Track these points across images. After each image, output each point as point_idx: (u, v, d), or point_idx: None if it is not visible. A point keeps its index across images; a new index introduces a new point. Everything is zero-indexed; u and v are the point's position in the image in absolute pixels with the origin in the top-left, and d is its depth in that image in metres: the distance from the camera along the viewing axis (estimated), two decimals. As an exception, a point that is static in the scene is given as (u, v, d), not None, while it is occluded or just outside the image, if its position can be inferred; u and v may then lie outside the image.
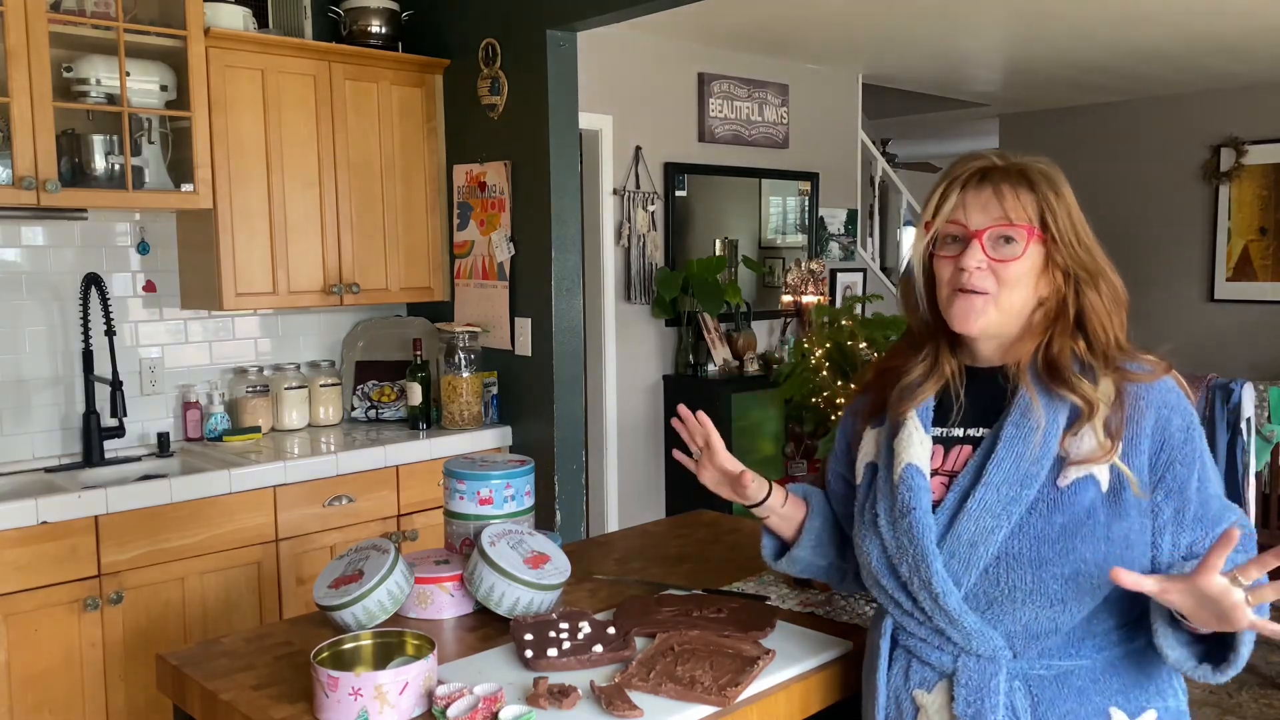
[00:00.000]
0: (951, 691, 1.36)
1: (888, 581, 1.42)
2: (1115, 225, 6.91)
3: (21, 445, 3.05)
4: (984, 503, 1.34)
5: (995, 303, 1.36)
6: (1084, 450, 1.32)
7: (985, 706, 1.33)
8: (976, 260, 1.35)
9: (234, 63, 3.12)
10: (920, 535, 1.36)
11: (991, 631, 1.34)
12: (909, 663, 1.42)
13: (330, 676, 1.36)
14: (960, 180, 1.38)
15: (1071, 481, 1.32)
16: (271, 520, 2.96)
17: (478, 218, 3.57)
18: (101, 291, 2.96)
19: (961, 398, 1.44)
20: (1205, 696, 3.73)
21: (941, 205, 1.38)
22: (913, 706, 1.40)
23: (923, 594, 1.37)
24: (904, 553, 1.38)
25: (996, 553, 1.32)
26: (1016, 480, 1.33)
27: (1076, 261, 1.36)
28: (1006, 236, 1.35)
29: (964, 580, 1.34)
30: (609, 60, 4.74)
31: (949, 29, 4.89)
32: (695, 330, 5.12)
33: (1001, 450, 1.35)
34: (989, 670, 1.34)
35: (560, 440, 3.39)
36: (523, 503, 1.90)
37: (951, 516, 1.37)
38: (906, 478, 1.40)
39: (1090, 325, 1.37)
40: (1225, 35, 5.06)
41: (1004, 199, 1.35)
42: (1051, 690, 1.34)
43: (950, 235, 1.38)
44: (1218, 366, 5.82)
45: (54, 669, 2.61)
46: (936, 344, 1.46)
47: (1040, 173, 1.38)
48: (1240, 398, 2.41)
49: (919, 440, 1.42)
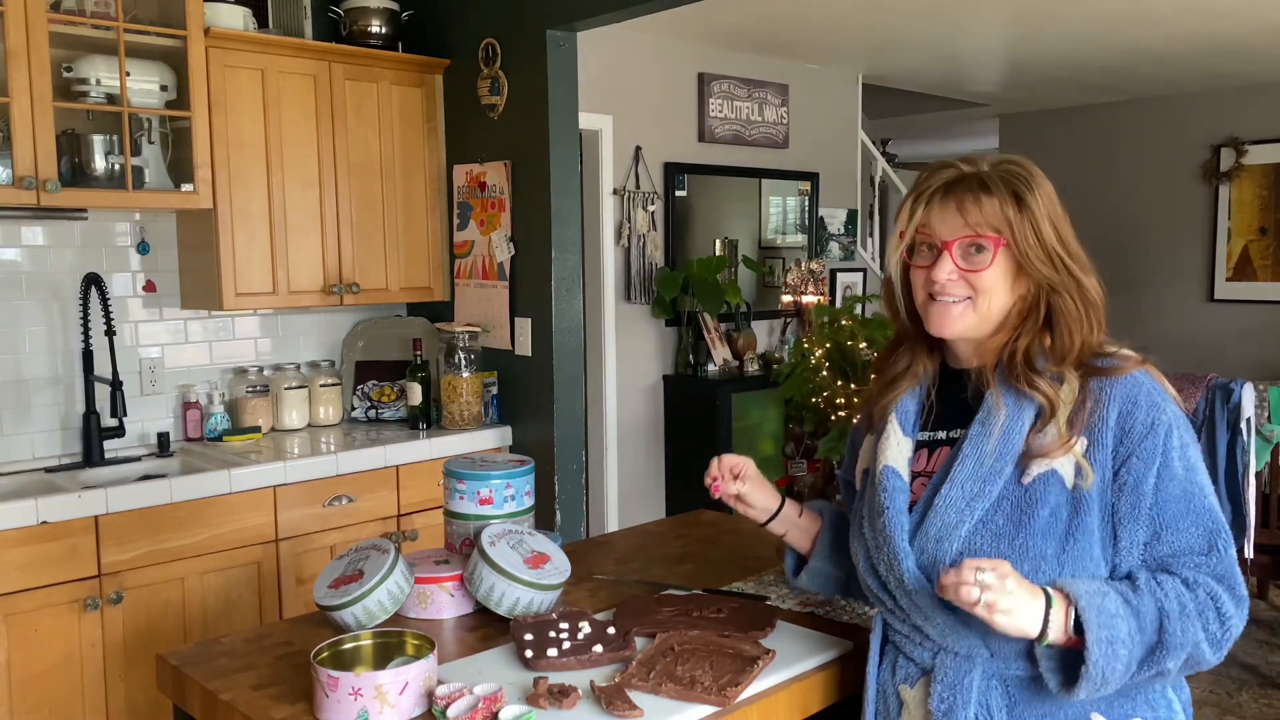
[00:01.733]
0: (929, 688, 1.38)
1: (872, 581, 1.46)
2: (1115, 225, 6.92)
3: (21, 445, 3.05)
4: (947, 499, 1.37)
5: (974, 307, 1.38)
6: (1045, 444, 1.33)
7: (957, 703, 1.35)
8: (947, 272, 1.37)
9: (234, 63, 3.12)
10: (893, 534, 1.40)
11: (966, 629, 1.35)
12: (896, 658, 1.46)
13: (330, 676, 1.36)
14: (926, 194, 1.39)
15: (1034, 478, 1.33)
16: (271, 520, 2.96)
17: (478, 218, 3.57)
18: (101, 291, 2.96)
19: (933, 399, 1.47)
20: (1205, 696, 3.73)
21: (910, 217, 1.40)
22: (898, 701, 1.44)
23: (899, 592, 1.41)
24: (880, 552, 1.42)
25: (959, 549, 1.35)
26: (980, 477, 1.35)
27: (1044, 265, 1.35)
28: (976, 245, 1.36)
29: (934, 577, 1.35)
30: (609, 60, 4.74)
31: (949, 29, 4.89)
32: (695, 330, 5.12)
33: (966, 448, 1.38)
34: (964, 668, 1.36)
35: (560, 440, 3.39)
36: (523, 503, 1.90)
37: (923, 514, 1.40)
38: (883, 479, 1.44)
39: (1058, 327, 1.37)
40: (1225, 35, 5.06)
41: (966, 212, 1.36)
42: (1029, 692, 1.34)
43: (924, 244, 1.40)
44: (1218, 366, 5.82)
45: (54, 669, 2.61)
46: (914, 346, 1.49)
47: (1003, 178, 1.36)
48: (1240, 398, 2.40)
49: (896, 442, 1.46)
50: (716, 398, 4.90)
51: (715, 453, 1.67)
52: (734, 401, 4.96)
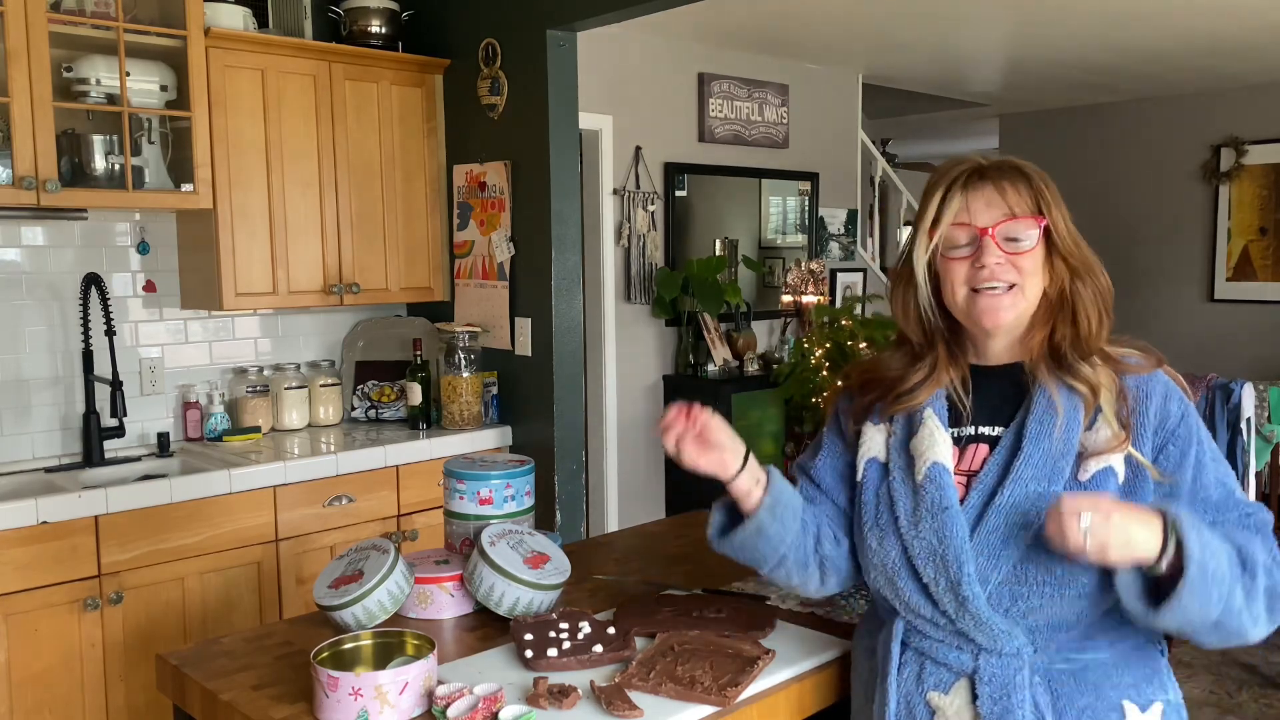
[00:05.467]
0: (973, 690, 1.35)
1: (904, 583, 1.39)
2: (1115, 225, 6.92)
3: (21, 445, 3.05)
4: (1013, 500, 1.34)
5: (1022, 293, 1.37)
6: (1100, 441, 1.34)
7: (1013, 703, 1.32)
8: (995, 257, 1.35)
9: (234, 63, 3.12)
10: (952, 534, 1.34)
11: (1014, 628, 1.34)
12: (922, 665, 1.40)
13: (330, 676, 1.36)
14: (959, 181, 1.38)
15: (1092, 474, 1.33)
16: (271, 520, 2.96)
17: (478, 218, 3.57)
18: (101, 291, 2.96)
19: (967, 399, 1.43)
20: (1205, 696, 3.73)
21: (944, 208, 1.38)
22: (927, 710, 1.38)
23: (947, 596, 1.35)
24: (931, 553, 1.36)
25: (1024, 549, 1.33)
26: (1044, 476, 1.34)
27: (1071, 252, 1.38)
28: (1015, 229, 1.36)
29: (991, 578, 1.34)
30: (609, 60, 4.74)
31: (949, 29, 4.89)
32: (695, 330, 5.12)
33: (1029, 447, 1.35)
34: (1013, 667, 1.33)
35: (560, 440, 3.39)
36: (523, 503, 1.90)
37: (978, 515, 1.36)
38: (934, 476, 1.38)
39: (1079, 315, 1.38)
40: (1225, 35, 5.06)
41: (1005, 193, 1.36)
42: (1070, 685, 1.34)
43: (956, 237, 1.38)
44: (1218, 366, 5.82)
45: (54, 669, 2.61)
46: (936, 351, 1.44)
47: (1031, 168, 1.40)
48: (1240, 398, 2.41)
49: (941, 439, 1.40)
50: (716, 398, 4.89)
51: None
52: (734, 401, 4.96)
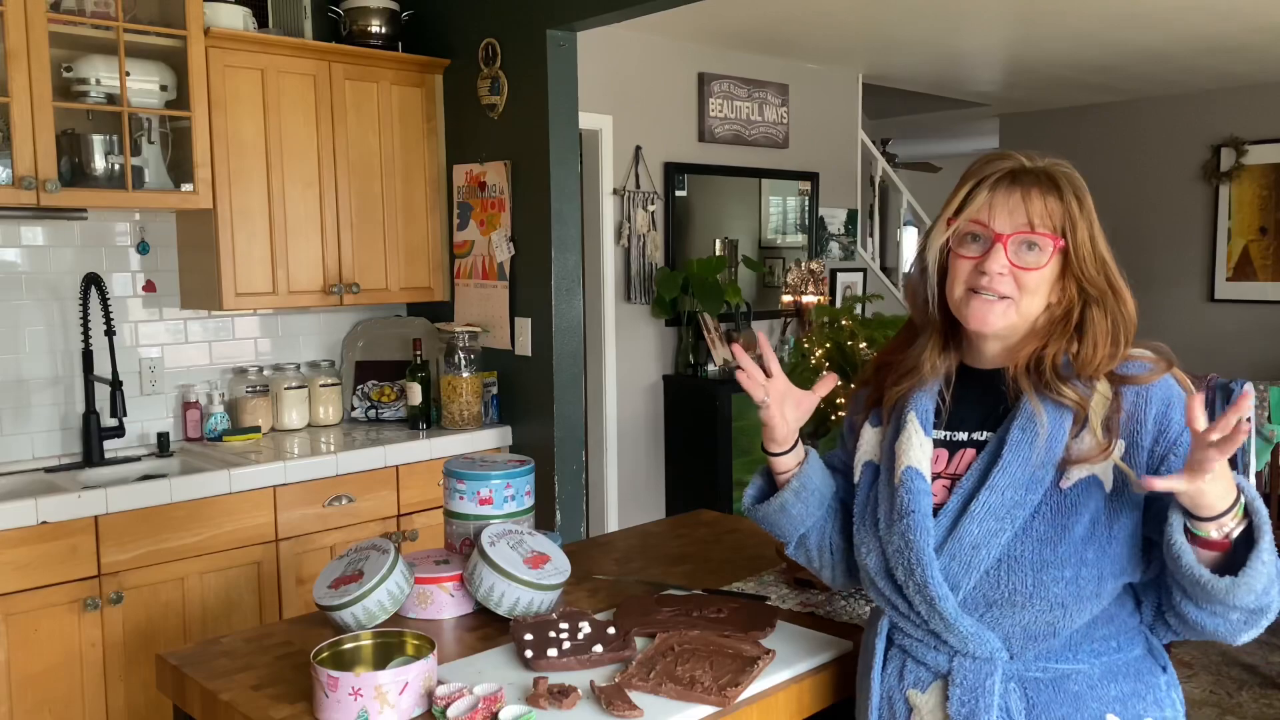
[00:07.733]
0: (946, 691, 1.36)
1: (884, 584, 1.42)
2: (1115, 225, 6.80)
3: (21, 445, 3.05)
4: (988, 506, 1.32)
5: (1016, 307, 1.34)
6: (1084, 450, 1.31)
7: (979, 707, 1.32)
8: (999, 265, 1.33)
9: (234, 63, 3.12)
10: (917, 538, 1.35)
11: (988, 634, 1.33)
12: (904, 663, 1.42)
13: (330, 676, 1.36)
14: (990, 180, 1.35)
15: (1075, 482, 1.31)
16: (271, 520, 2.96)
17: (478, 218, 3.57)
18: (101, 291, 2.96)
19: (948, 399, 1.43)
20: (1205, 696, 3.73)
21: (967, 203, 1.36)
22: (906, 707, 1.40)
23: (918, 597, 1.36)
24: (900, 555, 1.37)
25: (998, 556, 1.32)
26: (1021, 484, 1.32)
27: (1088, 277, 1.34)
28: (1031, 243, 1.33)
29: (963, 583, 1.33)
30: (609, 60, 4.74)
31: (949, 29, 4.89)
32: (695, 330, 5.12)
33: (1007, 454, 1.33)
34: (984, 670, 1.34)
35: (560, 440, 3.39)
36: (523, 503, 1.90)
37: (954, 520, 1.35)
38: (906, 480, 1.39)
39: (1085, 338, 1.34)
40: (1225, 35, 5.06)
41: (1031, 203, 1.33)
42: (1047, 693, 1.33)
43: (971, 234, 1.36)
44: (1218, 366, 5.82)
45: (54, 669, 2.61)
46: (931, 340, 1.44)
47: (1067, 180, 1.35)
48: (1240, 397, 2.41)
49: (919, 443, 1.40)
50: (716, 398, 4.89)
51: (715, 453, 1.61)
52: (734, 401, 4.95)
